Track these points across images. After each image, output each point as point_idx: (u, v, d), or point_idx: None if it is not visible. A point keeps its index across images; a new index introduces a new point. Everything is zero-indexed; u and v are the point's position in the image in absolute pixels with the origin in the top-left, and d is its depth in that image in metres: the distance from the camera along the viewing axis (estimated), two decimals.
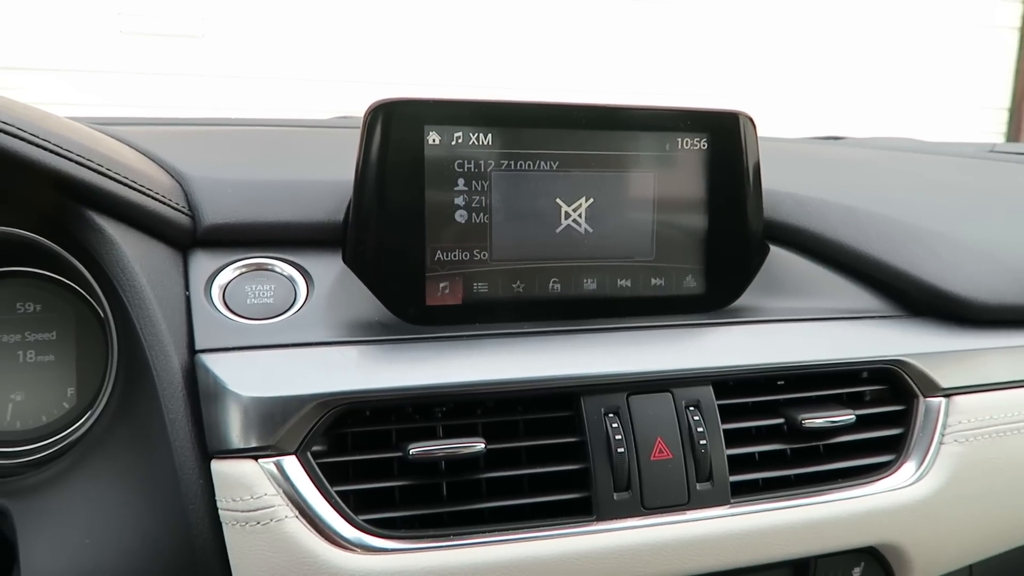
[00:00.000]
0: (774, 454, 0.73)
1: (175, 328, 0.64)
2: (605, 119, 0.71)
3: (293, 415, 0.61)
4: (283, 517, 0.60)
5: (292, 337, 0.66)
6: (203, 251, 0.70)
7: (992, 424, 0.79)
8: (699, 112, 0.73)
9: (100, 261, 0.64)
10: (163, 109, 2.71)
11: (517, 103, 0.69)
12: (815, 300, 0.80)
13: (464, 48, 2.98)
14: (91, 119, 0.82)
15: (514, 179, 0.70)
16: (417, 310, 0.69)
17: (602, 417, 0.67)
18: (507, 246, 0.70)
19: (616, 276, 0.73)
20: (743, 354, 0.73)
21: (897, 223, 0.84)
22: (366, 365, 0.65)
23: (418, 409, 0.66)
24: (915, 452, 0.76)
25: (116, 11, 2.69)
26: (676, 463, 0.68)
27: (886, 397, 0.78)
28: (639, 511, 0.67)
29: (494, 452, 0.65)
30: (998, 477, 0.80)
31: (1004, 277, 0.83)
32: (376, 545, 0.62)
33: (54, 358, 0.70)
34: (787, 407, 0.74)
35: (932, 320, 0.81)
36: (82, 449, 0.65)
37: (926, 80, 3.54)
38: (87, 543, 0.61)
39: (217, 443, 0.61)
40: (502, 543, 0.64)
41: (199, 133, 0.93)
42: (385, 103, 0.66)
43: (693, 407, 0.70)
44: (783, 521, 0.70)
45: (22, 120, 0.59)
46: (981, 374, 0.79)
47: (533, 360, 0.68)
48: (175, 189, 0.70)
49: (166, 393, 0.61)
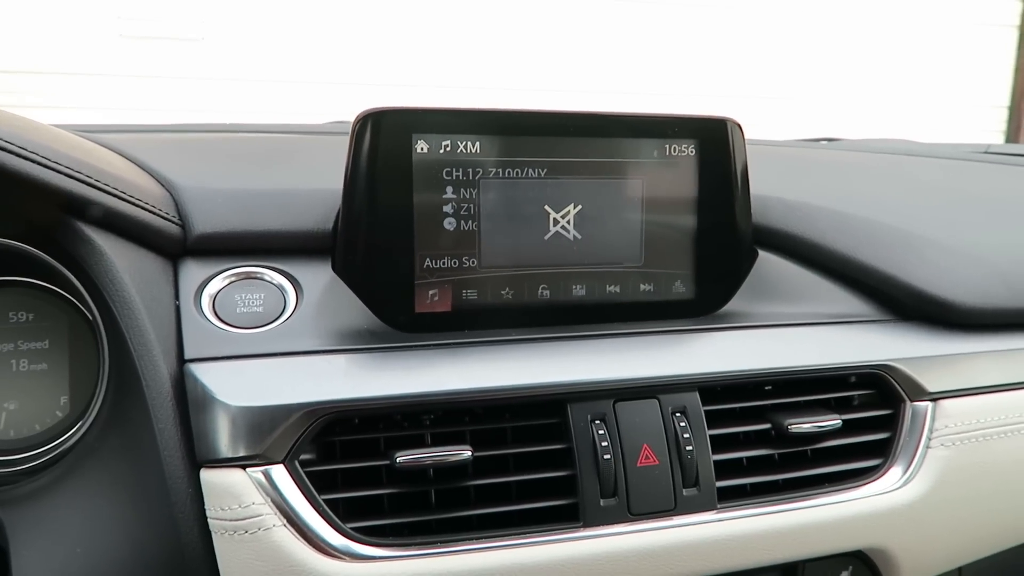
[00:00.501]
0: (761, 459, 0.73)
1: (164, 337, 0.64)
2: (593, 126, 0.71)
3: (281, 424, 0.61)
4: (271, 526, 0.61)
5: (281, 346, 0.67)
6: (193, 260, 0.70)
7: (979, 428, 0.79)
8: (687, 119, 0.74)
9: (89, 271, 0.64)
10: (162, 112, 2.72)
11: (505, 111, 0.70)
12: (803, 305, 0.81)
13: (460, 49, 2.98)
14: (81, 127, 0.82)
15: (502, 186, 0.70)
16: (406, 318, 0.69)
17: (589, 424, 0.68)
18: (496, 253, 0.71)
19: (605, 282, 0.74)
20: (730, 359, 0.73)
21: (886, 227, 0.84)
22: (354, 373, 0.66)
23: (406, 417, 0.67)
24: (902, 456, 0.76)
25: (115, 15, 2.70)
26: (662, 469, 0.69)
27: (873, 402, 0.78)
28: (626, 517, 0.67)
29: (482, 459, 0.66)
30: (985, 480, 0.80)
31: (993, 281, 0.83)
32: (364, 553, 0.62)
33: (47, 367, 0.71)
34: (774, 412, 0.74)
35: (920, 324, 0.82)
36: (74, 458, 0.66)
37: (926, 78, 3.53)
38: (78, 552, 0.62)
39: (206, 452, 0.61)
40: (490, 550, 0.64)
41: (190, 141, 0.94)
42: (373, 112, 0.66)
43: (679, 413, 0.70)
44: (770, 526, 0.71)
45: (10, 133, 0.59)
46: (968, 378, 0.80)
47: (520, 368, 0.68)
48: (165, 198, 0.71)
49: (155, 402, 0.62)
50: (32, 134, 0.62)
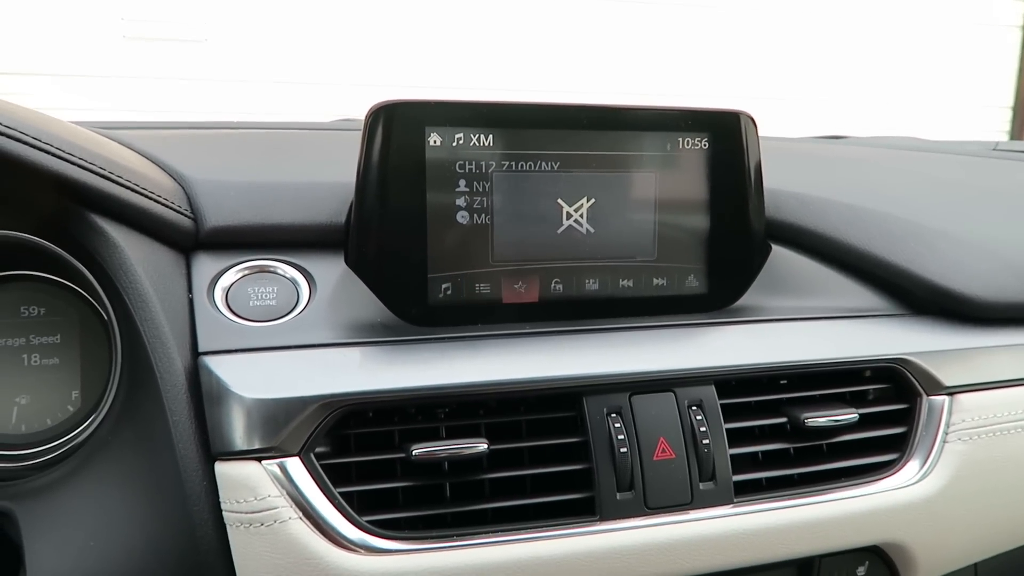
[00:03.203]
0: (777, 453, 0.73)
1: (178, 331, 0.64)
2: (606, 119, 0.71)
3: (296, 417, 0.61)
4: (287, 518, 0.61)
5: (295, 339, 0.66)
6: (206, 253, 0.70)
7: (996, 422, 0.78)
8: (700, 112, 0.73)
9: (103, 264, 0.64)
10: (166, 113, 2.72)
11: (518, 104, 0.69)
12: (817, 299, 0.80)
13: (465, 49, 2.98)
14: (94, 123, 0.82)
15: (515, 180, 0.70)
16: (419, 311, 0.69)
17: (605, 417, 0.67)
18: (509, 247, 0.70)
19: (618, 276, 0.73)
20: (745, 353, 0.73)
21: (899, 221, 0.84)
22: (369, 366, 0.65)
23: (421, 410, 0.67)
24: (918, 451, 0.76)
25: (119, 16, 2.70)
26: (679, 463, 0.68)
27: (889, 396, 0.78)
28: (642, 511, 0.67)
29: (497, 453, 0.65)
30: (1002, 475, 0.80)
31: (1007, 275, 0.83)
32: (379, 546, 0.62)
33: (59, 361, 0.70)
34: (790, 406, 0.73)
35: (935, 318, 0.81)
36: (87, 452, 0.66)
37: (930, 79, 3.53)
38: (92, 545, 0.61)
39: (221, 445, 0.61)
40: (505, 543, 0.64)
41: (201, 136, 0.93)
42: (386, 105, 0.66)
43: (696, 407, 0.70)
44: (786, 520, 0.70)
45: (25, 124, 0.59)
46: (984, 372, 0.79)
47: (535, 360, 0.68)
48: (177, 192, 0.71)
49: (170, 395, 0.62)
50: (46, 126, 0.62)
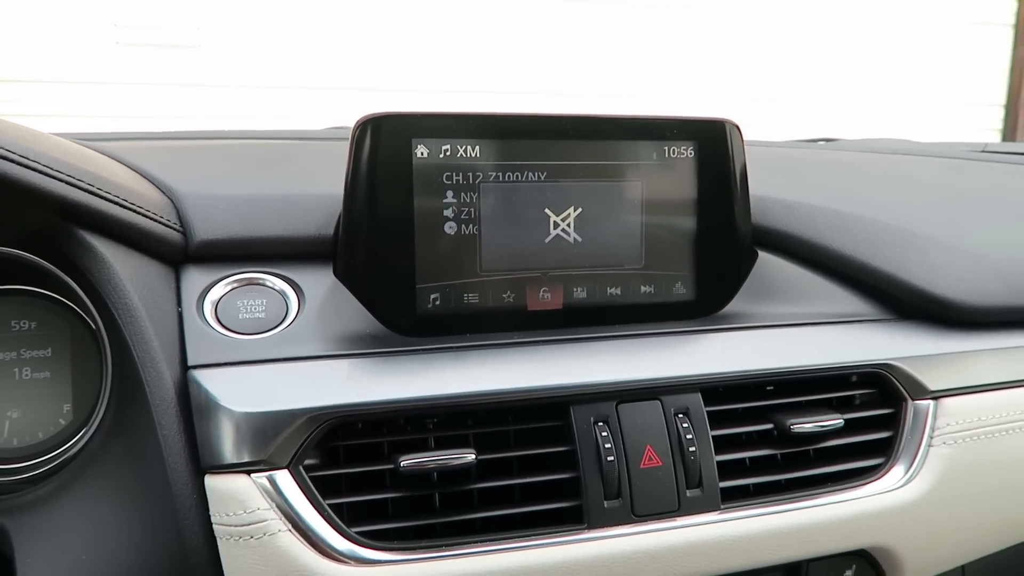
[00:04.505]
0: (764, 459, 0.74)
1: (167, 344, 0.64)
2: (592, 129, 0.72)
3: (285, 429, 0.62)
4: (276, 531, 0.61)
5: (284, 351, 0.67)
6: (195, 267, 0.71)
7: (981, 425, 0.79)
8: (686, 120, 0.74)
9: (92, 279, 0.64)
10: (159, 120, 2.72)
11: (504, 115, 0.70)
12: (803, 305, 0.81)
13: (457, 53, 2.99)
14: (80, 135, 0.82)
15: (502, 190, 0.70)
16: (408, 322, 0.70)
17: (592, 426, 0.68)
18: (497, 256, 0.71)
19: (606, 284, 0.74)
20: (732, 360, 0.73)
21: (885, 226, 0.85)
22: (357, 378, 0.66)
23: (409, 421, 0.67)
24: (904, 455, 0.76)
25: (112, 22, 2.70)
26: (666, 470, 0.69)
27: (875, 401, 0.78)
28: (630, 519, 0.67)
29: (485, 462, 0.66)
30: (988, 478, 0.80)
31: (992, 278, 0.83)
32: (369, 557, 0.62)
33: (50, 375, 0.71)
34: (776, 412, 0.74)
35: (920, 323, 0.82)
36: (78, 465, 0.66)
37: (922, 78, 3.54)
38: (83, 559, 0.62)
39: (210, 458, 0.62)
40: (494, 553, 0.65)
41: (190, 148, 0.94)
42: (372, 117, 0.67)
43: (682, 414, 0.70)
44: (774, 526, 0.71)
45: (10, 141, 0.59)
46: (969, 376, 0.80)
47: (522, 371, 0.68)
48: (166, 205, 0.71)
49: (159, 409, 0.62)
50: (32, 142, 0.62)
